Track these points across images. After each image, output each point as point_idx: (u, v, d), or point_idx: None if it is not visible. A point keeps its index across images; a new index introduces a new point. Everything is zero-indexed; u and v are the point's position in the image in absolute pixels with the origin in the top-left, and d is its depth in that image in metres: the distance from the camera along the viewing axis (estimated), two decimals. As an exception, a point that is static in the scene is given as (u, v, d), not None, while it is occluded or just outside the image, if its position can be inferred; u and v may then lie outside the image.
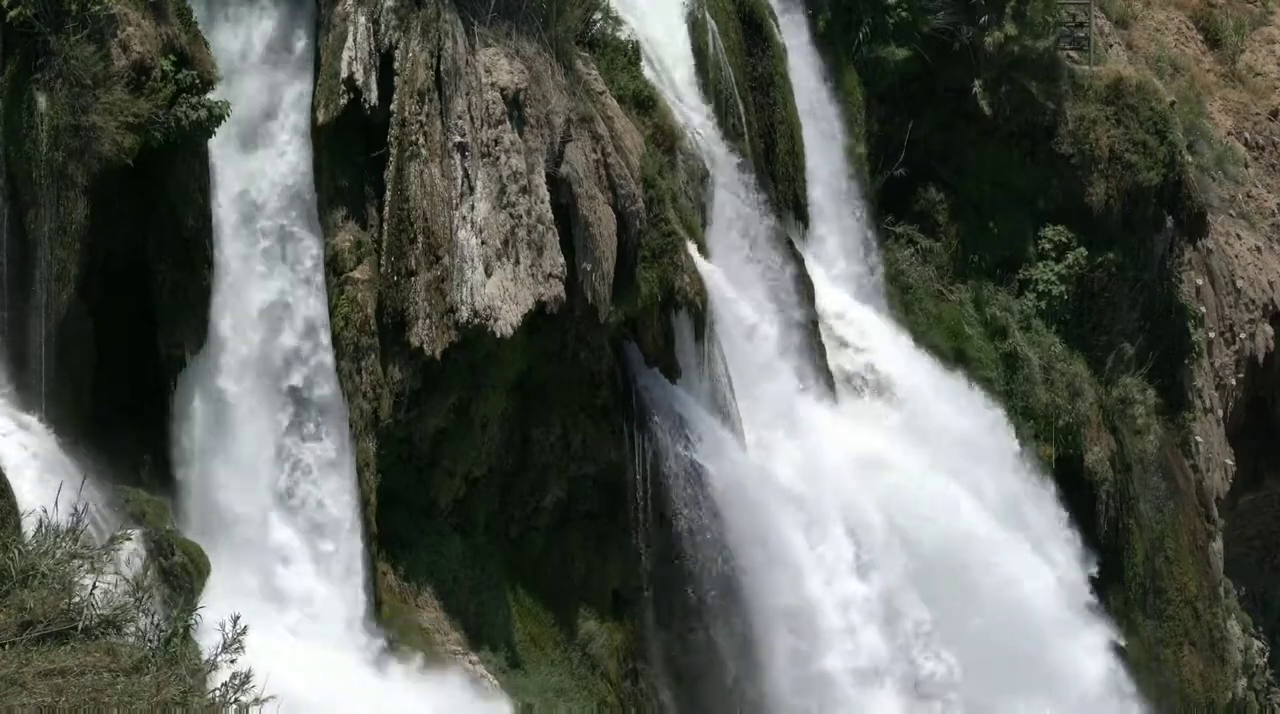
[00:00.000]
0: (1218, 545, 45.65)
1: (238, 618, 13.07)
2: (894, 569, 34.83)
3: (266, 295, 27.70)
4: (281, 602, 27.07)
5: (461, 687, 28.51)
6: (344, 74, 27.96)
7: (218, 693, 12.80)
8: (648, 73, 33.53)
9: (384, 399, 28.40)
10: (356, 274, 28.38)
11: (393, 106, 28.44)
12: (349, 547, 28.06)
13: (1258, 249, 49.02)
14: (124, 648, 12.85)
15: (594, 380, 31.50)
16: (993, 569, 36.44)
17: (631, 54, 32.96)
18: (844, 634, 33.49)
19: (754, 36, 36.89)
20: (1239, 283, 47.85)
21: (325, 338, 28.11)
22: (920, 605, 35.03)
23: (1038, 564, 37.57)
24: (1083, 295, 42.14)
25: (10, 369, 25.34)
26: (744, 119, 35.72)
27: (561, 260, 29.17)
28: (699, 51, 35.20)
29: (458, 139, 28.61)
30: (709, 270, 32.86)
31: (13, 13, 24.79)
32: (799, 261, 36.15)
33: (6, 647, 12.24)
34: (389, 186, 28.35)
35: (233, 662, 12.92)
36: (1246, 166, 49.23)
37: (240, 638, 12.92)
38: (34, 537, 13.72)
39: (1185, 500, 44.01)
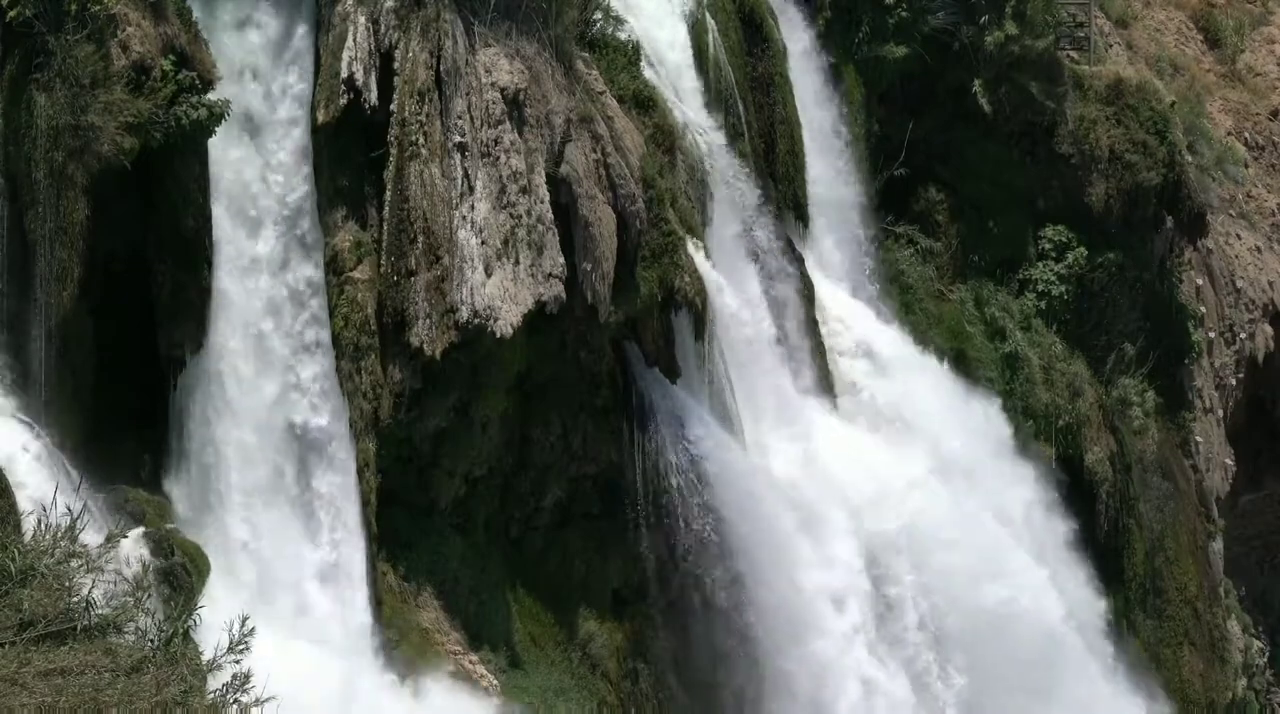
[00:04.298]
0: (1218, 545, 45.65)
1: (246, 618, 13.05)
2: (894, 568, 34.82)
3: None
4: (281, 601, 27.04)
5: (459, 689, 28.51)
6: (344, 74, 27.95)
7: (218, 693, 12.79)
8: (648, 73, 33.51)
9: (384, 399, 28.38)
10: (356, 274, 28.37)
11: (393, 106, 28.43)
12: (349, 546, 28.04)
13: (1258, 249, 49.02)
14: (123, 648, 12.84)
15: (594, 380, 31.49)
16: (993, 570, 36.42)
17: (631, 54, 32.95)
18: (843, 633, 33.46)
19: (754, 36, 36.87)
20: (1239, 283, 47.85)
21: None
22: (922, 605, 35.03)
23: (1044, 575, 37.59)
24: (1083, 295, 42.13)
25: (11, 369, 25.31)
26: (744, 119, 35.71)
27: (561, 260, 29.16)
28: (699, 51, 35.18)
29: (458, 139, 28.60)
30: (709, 270, 32.85)
31: (12, 13, 24.75)
32: (799, 262, 36.13)
33: (6, 646, 12.22)
34: (389, 186, 28.34)
35: (238, 662, 12.90)
36: (1246, 166, 49.24)
37: (247, 638, 12.91)
38: (33, 536, 13.71)
39: (1185, 500, 44.00)
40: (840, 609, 33.64)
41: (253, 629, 13.05)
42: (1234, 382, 47.45)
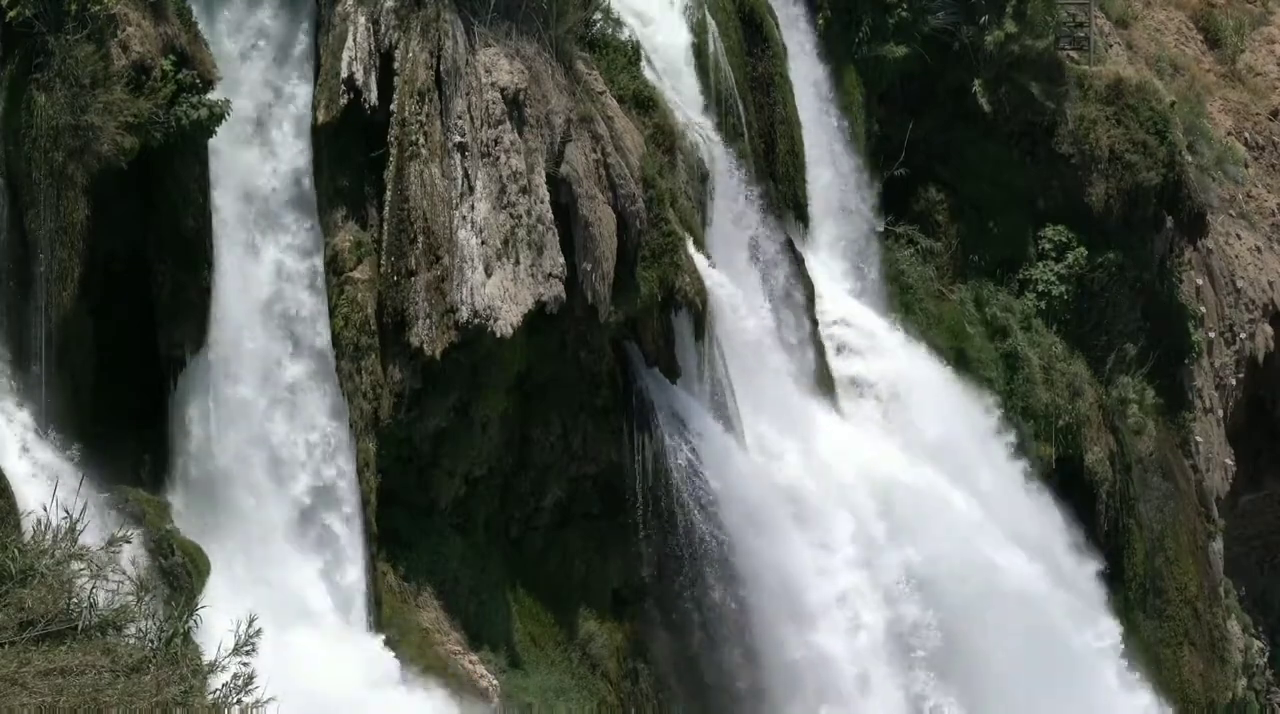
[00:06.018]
0: (1218, 545, 45.64)
1: (253, 619, 13.03)
2: (894, 569, 34.82)
3: None
4: (281, 602, 27.02)
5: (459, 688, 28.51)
6: (344, 74, 27.95)
7: (219, 693, 12.79)
8: (648, 73, 33.52)
9: (384, 399, 28.38)
10: (356, 274, 28.37)
11: (393, 106, 28.43)
12: (349, 547, 28.03)
13: (1258, 249, 49.02)
14: (123, 647, 12.84)
15: (594, 380, 31.49)
16: (994, 570, 36.43)
17: (631, 54, 32.95)
18: (843, 632, 33.46)
19: (754, 36, 36.87)
20: (1239, 283, 47.85)
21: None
22: (922, 607, 35.03)
23: (1039, 571, 37.61)
24: (1083, 295, 42.13)
25: (11, 369, 25.31)
26: (744, 119, 35.71)
27: (561, 260, 29.16)
28: (699, 51, 35.18)
29: (458, 139, 28.60)
30: (709, 270, 32.85)
31: (12, 13, 24.75)
32: (799, 261, 36.14)
33: (6, 646, 12.22)
34: (389, 186, 28.34)
35: (245, 663, 12.89)
36: (1246, 166, 49.24)
37: (253, 639, 12.90)
38: (33, 536, 13.70)
39: (1185, 500, 44.00)
40: (841, 608, 33.63)
41: (259, 630, 13.05)
42: (1234, 382, 47.45)
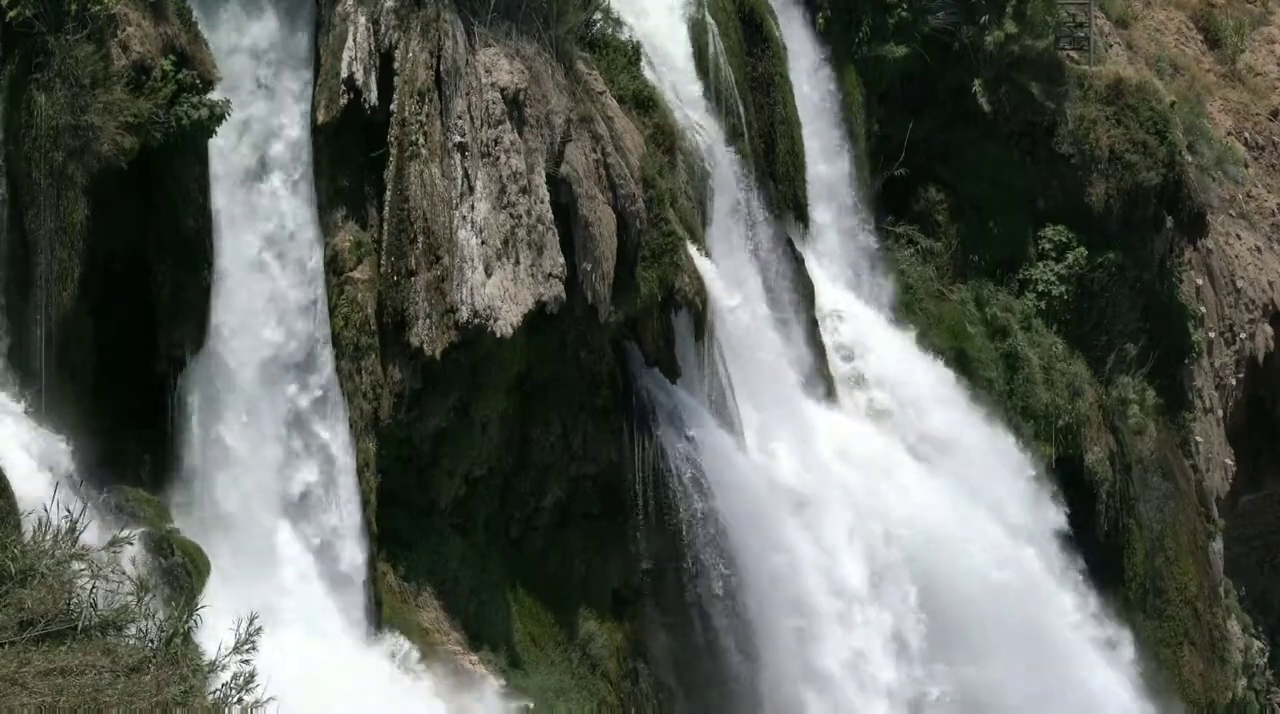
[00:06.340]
0: (1218, 545, 45.65)
1: (254, 617, 13.03)
2: (894, 570, 34.83)
3: None
4: (281, 601, 27.02)
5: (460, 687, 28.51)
6: (344, 74, 27.95)
7: (219, 693, 12.79)
8: (648, 73, 33.53)
9: (384, 399, 28.39)
10: (356, 274, 28.37)
11: (393, 106, 28.43)
12: (349, 546, 28.04)
13: (1258, 249, 49.04)
14: (124, 647, 12.84)
15: (594, 380, 31.49)
16: (994, 572, 36.46)
17: (631, 54, 32.96)
18: (843, 633, 33.48)
19: (754, 36, 36.89)
20: (1239, 283, 47.86)
21: None
22: (918, 604, 35.05)
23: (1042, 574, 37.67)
24: (1083, 295, 42.15)
25: (11, 369, 25.31)
26: (744, 119, 35.72)
27: (561, 260, 29.17)
28: (699, 51, 35.19)
29: (458, 139, 28.61)
30: (709, 270, 32.85)
31: (12, 13, 24.75)
32: (799, 261, 36.15)
33: (6, 646, 12.22)
34: (389, 186, 28.35)
35: (246, 661, 12.90)
36: (1246, 166, 49.25)
37: (254, 637, 12.90)
38: (33, 536, 13.70)
39: (1185, 500, 44.00)
40: (840, 608, 33.63)
41: (260, 629, 13.05)
42: (1234, 382, 47.46)
